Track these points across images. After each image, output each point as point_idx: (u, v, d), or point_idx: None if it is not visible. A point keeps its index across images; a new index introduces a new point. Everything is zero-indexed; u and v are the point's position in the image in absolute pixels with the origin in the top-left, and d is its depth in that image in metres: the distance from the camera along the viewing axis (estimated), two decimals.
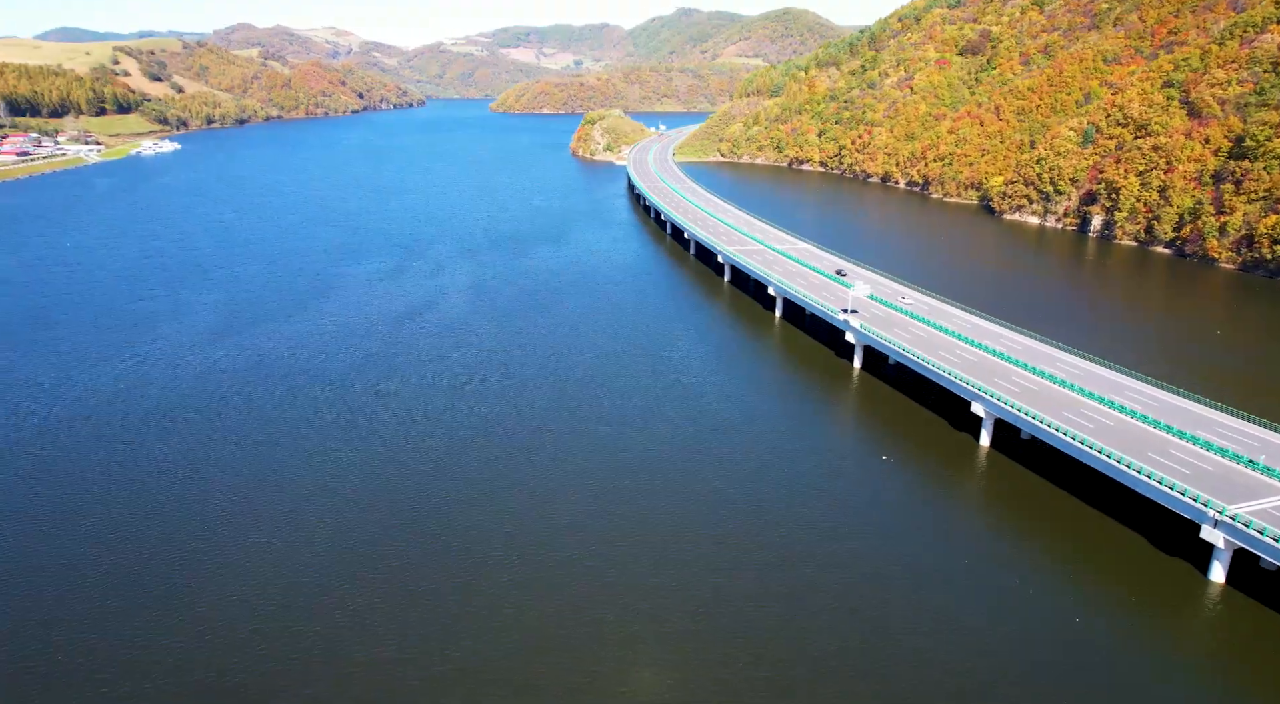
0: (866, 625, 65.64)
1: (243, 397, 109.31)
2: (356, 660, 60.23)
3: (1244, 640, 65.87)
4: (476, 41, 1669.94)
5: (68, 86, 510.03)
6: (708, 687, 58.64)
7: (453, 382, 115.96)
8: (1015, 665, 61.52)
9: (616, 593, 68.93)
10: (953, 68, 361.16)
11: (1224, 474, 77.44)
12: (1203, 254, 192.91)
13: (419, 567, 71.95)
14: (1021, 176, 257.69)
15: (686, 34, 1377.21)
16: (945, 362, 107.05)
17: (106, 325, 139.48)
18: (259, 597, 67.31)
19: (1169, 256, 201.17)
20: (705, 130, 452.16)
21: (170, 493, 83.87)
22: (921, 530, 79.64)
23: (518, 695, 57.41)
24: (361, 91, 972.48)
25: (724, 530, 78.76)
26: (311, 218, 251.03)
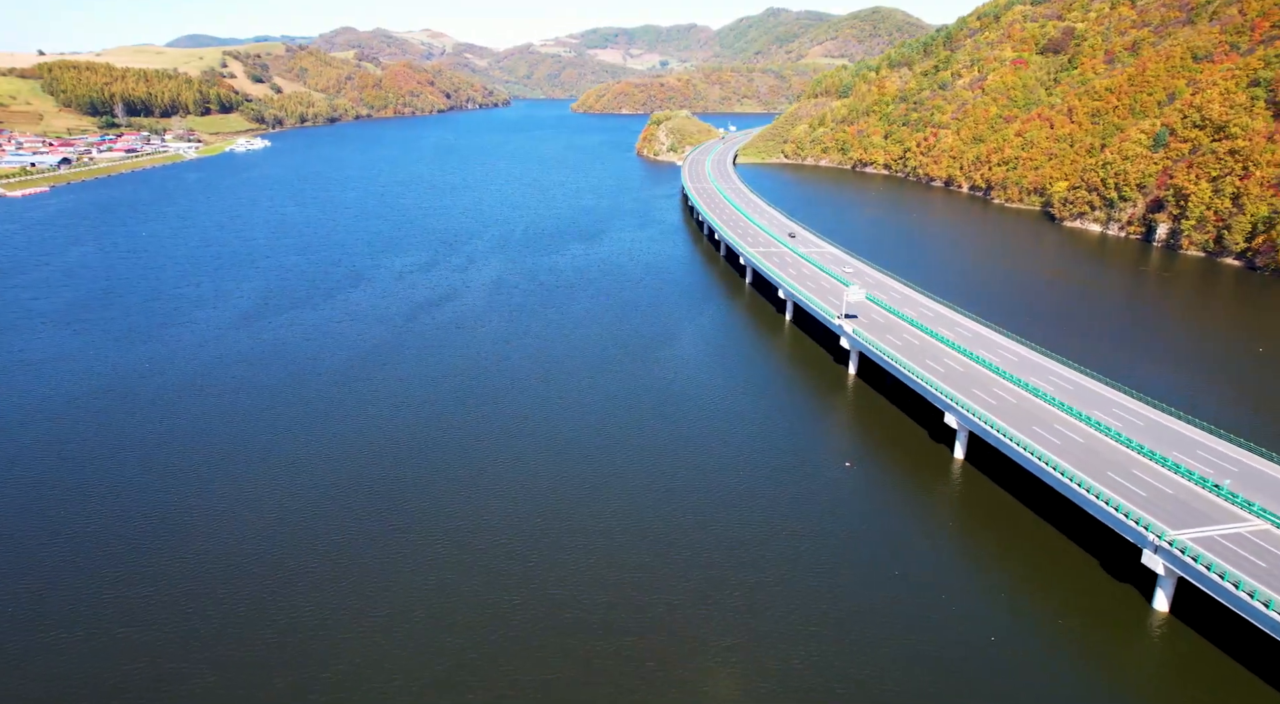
0: (765, 624, 65.16)
1: (250, 378, 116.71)
2: (345, 632, 64.35)
3: (1171, 678, 61.88)
4: (565, 43, 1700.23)
5: (178, 88, 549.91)
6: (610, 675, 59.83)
7: (445, 372, 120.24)
8: (912, 679, 59.84)
9: (528, 583, 70.82)
10: (1031, 68, 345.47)
11: (1183, 498, 72.69)
12: (1275, 267, 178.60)
13: (359, 543, 75.87)
14: (1085, 182, 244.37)
15: (773, 34, 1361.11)
16: (931, 370, 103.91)
17: (151, 308, 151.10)
18: (220, 566, 72.57)
19: (1238, 269, 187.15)
20: (770, 132, 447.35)
21: (163, 461, 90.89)
22: (861, 541, 77.97)
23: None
24: (449, 91, 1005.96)
25: (653, 529, 79.33)
26: (367, 212, 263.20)
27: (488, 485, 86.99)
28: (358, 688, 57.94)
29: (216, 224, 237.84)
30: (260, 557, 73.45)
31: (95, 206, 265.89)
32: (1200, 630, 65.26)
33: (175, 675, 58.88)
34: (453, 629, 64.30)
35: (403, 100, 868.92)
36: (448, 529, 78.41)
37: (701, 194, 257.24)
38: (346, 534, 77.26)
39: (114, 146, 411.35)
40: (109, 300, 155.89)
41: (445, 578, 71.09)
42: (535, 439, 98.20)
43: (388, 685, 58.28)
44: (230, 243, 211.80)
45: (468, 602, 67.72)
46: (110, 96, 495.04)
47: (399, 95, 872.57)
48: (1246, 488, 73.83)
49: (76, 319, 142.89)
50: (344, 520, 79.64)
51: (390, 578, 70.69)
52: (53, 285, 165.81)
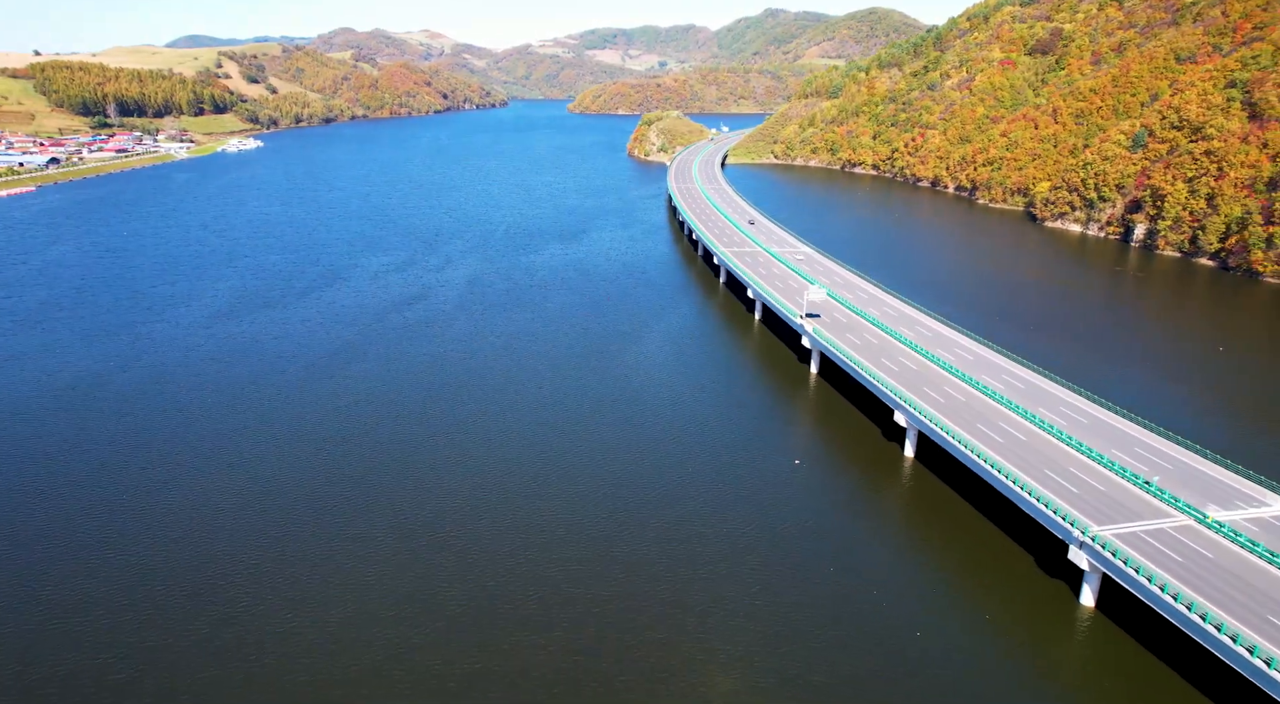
0: (691, 617, 65.78)
1: (213, 376, 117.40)
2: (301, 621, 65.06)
3: (1094, 673, 62.36)
4: (564, 43, 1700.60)
5: (172, 89, 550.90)
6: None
7: (408, 370, 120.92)
8: (834, 672, 60.36)
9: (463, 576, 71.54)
10: (1019, 68, 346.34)
11: (1115, 494, 73.29)
12: (1246, 267, 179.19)
13: (305, 533, 76.61)
14: (1065, 182, 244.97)
15: (771, 35, 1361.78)
16: (885, 369, 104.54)
17: (124, 307, 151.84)
18: (162, 560, 73.29)
19: (1212, 269, 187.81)
20: (761, 132, 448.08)
21: (115, 458, 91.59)
22: (798, 538, 78.52)
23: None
24: (446, 92, 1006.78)
25: (592, 525, 79.98)
26: (350, 212, 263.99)
27: (435, 481, 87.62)
28: (286, 677, 58.59)
29: (199, 223, 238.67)
30: (202, 550, 74.08)
31: (80, 206, 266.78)
32: (1124, 625, 65.88)
33: (105, 668, 59.56)
34: (384, 622, 64.90)
35: (399, 101, 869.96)
36: (392, 523, 79.00)
37: (684, 194, 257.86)
38: (292, 528, 77.88)
39: (105, 147, 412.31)
40: (82, 299, 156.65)
41: (384, 570, 71.73)
42: (490, 436, 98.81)
43: (316, 675, 58.96)
44: (211, 242, 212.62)
45: (402, 593, 68.36)
46: (103, 97, 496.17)
47: (395, 96, 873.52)
48: (1178, 484, 74.47)
49: (46, 318, 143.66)
50: (292, 514, 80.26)
51: (330, 570, 71.30)
52: (26, 284, 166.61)
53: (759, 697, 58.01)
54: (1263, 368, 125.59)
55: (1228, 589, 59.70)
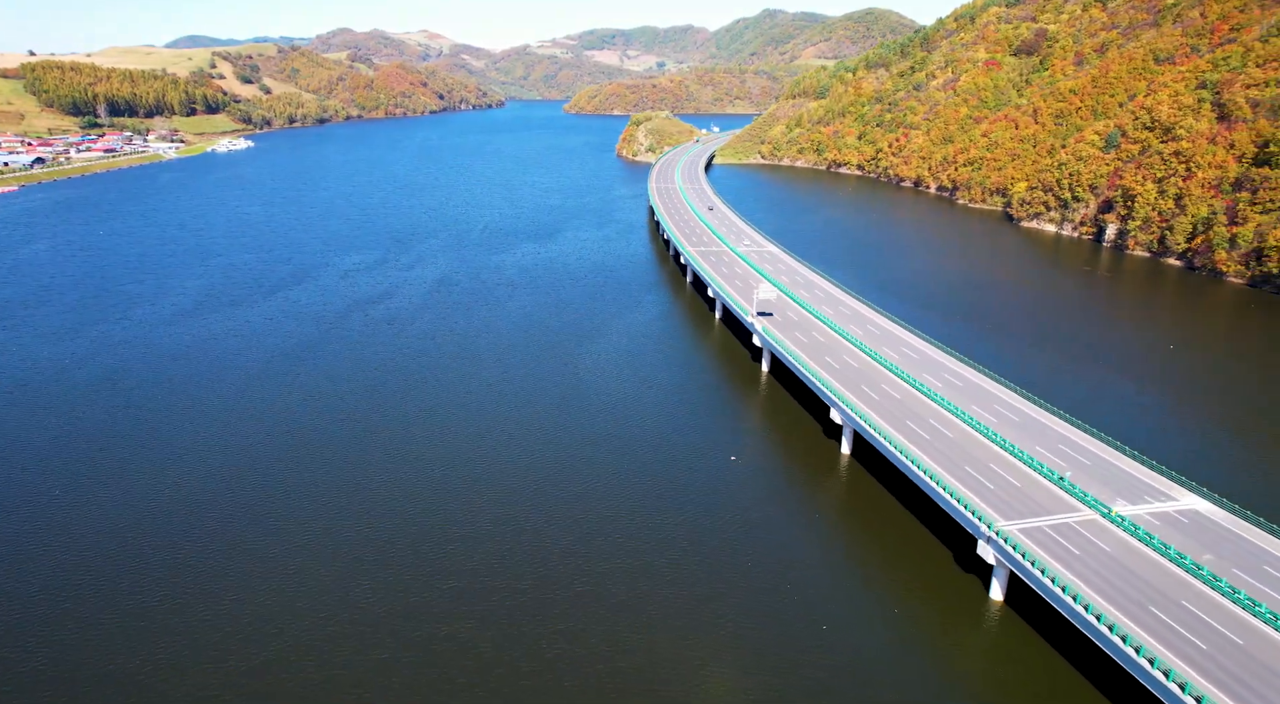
0: (605, 608, 66.61)
1: (167, 373, 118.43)
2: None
3: (998, 668, 63.07)
4: (562, 44, 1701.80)
5: (163, 89, 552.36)
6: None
7: (363, 367, 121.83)
8: (735, 665, 61.10)
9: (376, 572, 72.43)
10: (1004, 69, 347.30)
11: (1029, 490, 74.09)
12: (1211, 267, 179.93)
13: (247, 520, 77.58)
14: (1041, 183, 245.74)
15: (769, 35, 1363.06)
16: (828, 367, 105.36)
17: (89, 305, 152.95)
18: (96, 558, 74.25)
19: (1179, 269, 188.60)
20: (749, 132, 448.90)
21: (58, 455, 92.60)
22: (718, 533, 79.30)
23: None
24: (442, 92, 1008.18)
25: (516, 519, 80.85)
26: (330, 211, 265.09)
27: (372, 477, 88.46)
28: (196, 668, 59.53)
29: (177, 223, 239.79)
30: (138, 542, 75.03)
31: (60, 206, 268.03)
32: (1029, 620, 66.63)
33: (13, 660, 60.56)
34: (299, 613, 65.80)
35: (394, 101, 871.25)
36: (321, 515, 79.89)
37: (662, 193, 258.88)
38: (228, 524, 78.79)
39: (93, 147, 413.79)
40: (48, 297, 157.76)
41: (305, 563, 72.63)
42: (433, 433, 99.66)
43: (219, 665, 59.88)
44: (186, 241, 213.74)
45: (322, 586, 69.24)
46: (93, 97, 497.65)
47: (391, 96, 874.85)
48: (1093, 480, 75.28)
49: (8, 315, 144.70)
50: (227, 509, 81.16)
51: (257, 560, 72.21)
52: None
53: (656, 687, 58.82)
54: (1209, 365, 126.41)
55: (1117, 582, 60.50)
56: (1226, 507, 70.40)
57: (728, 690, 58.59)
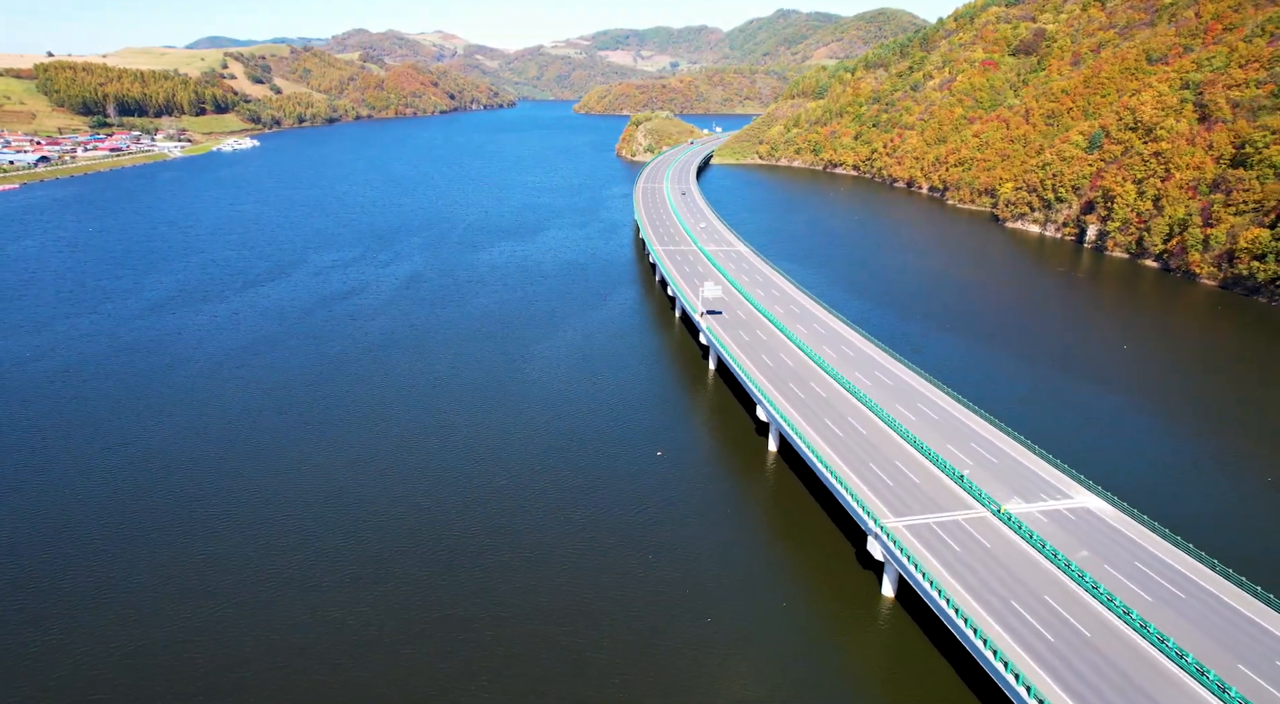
0: (499, 596, 67.94)
1: (124, 366, 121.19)
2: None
3: (884, 665, 63.51)
4: (576, 44, 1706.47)
5: (173, 89, 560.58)
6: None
7: (316, 362, 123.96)
8: (616, 655, 62.10)
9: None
10: (1001, 69, 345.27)
11: (928, 487, 74.61)
12: (1185, 269, 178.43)
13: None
14: (1025, 183, 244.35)
15: (782, 35, 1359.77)
16: (762, 366, 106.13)
17: (63, 300, 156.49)
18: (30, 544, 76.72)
19: (1155, 270, 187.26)
20: (747, 133, 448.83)
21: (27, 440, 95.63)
22: (629, 526, 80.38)
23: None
24: (453, 92, 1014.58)
25: (433, 505, 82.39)
26: (319, 208, 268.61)
27: (303, 469, 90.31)
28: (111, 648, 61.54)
29: (167, 220, 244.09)
30: (55, 536, 77.36)
31: (58, 203, 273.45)
32: (916, 618, 67.07)
33: None
34: (217, 596, 67.68)
35: (404, 101, 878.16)
36: (245, 502, 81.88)
37: (648, 193, 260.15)
38: (155, 513, 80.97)
39: (99, 146, 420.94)
40: (26, 291, 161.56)
41: (217, 551, 74.50)
42: (376, 426, 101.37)
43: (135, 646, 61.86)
44: (172, 238, 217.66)
45: (238, 570, 71.10)
46: (103, 97, 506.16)
47: (401, 96, 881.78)
48: (996, 478, 75.65)
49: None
50: (158, 497, 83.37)
51: (181, 551, 74.25)
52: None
53: (540, 675, 60.04)
54: (1159, 366, 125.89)
55: (988, 577, 61.01)
56: (1118, 505, 70.60)
57: (601, 676, 59.63)
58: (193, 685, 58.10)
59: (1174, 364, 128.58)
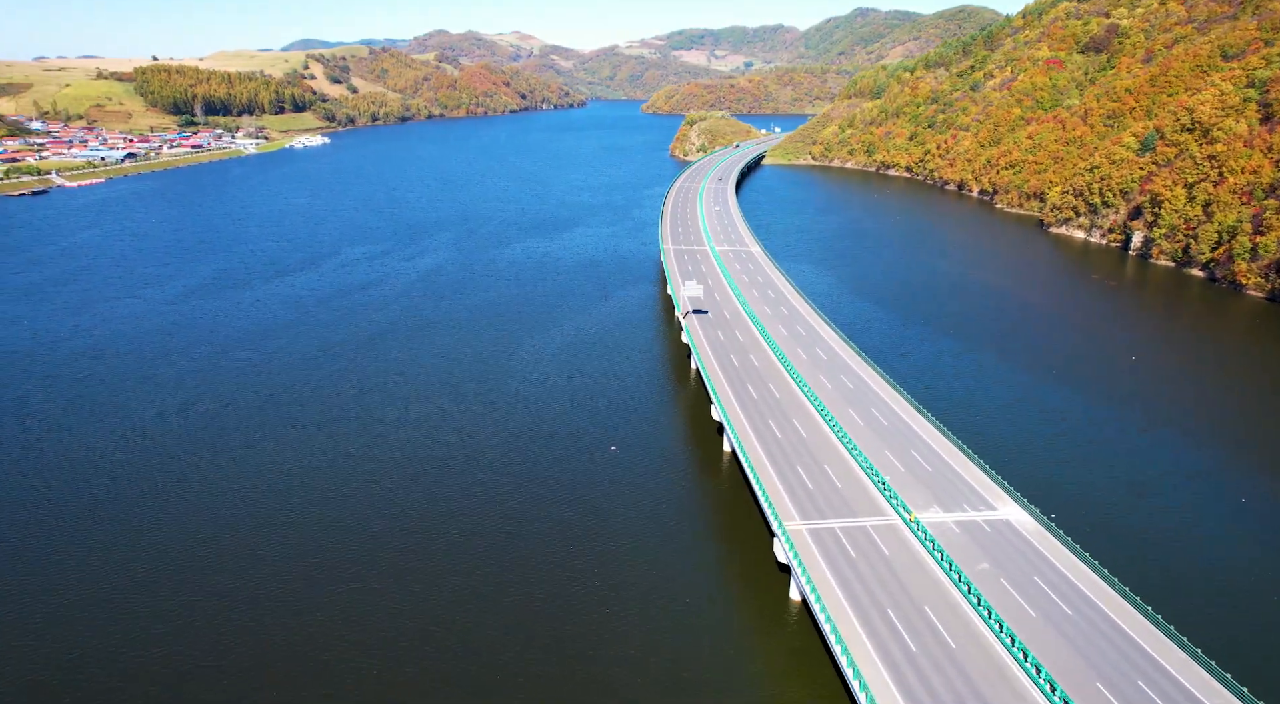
0: (417, 584, 70.78)
1: (144, 345, 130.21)
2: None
3: (781, 671, 63.05)
4: (650, 44, 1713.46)
5: (256, 89, 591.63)
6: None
7: (310, 350, 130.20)
8: (520, 650, 63.87)
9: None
10: (1068, 68, 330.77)
11: (849, 492, 73.61)
12: (1231, 279, 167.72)
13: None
14: (1072, 187, 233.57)
15: (859, 34, 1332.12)
16: (727, 366, 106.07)
17: (110, 283, 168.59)
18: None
19: (1200, 280, 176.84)
20: (801, 133, 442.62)
21: (33, 413, 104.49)
22: (565, 518, 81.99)
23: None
24: (524, 92, 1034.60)
25: (388, 493, 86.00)
26: (366, 202, 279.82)
27: (280, 449, 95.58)
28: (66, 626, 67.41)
29: (224, 212, 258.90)
30: (54, 499, 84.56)
31: (133, 196, 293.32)
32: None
33: None
34: (164, 579, 73.02)
35: (475, 100, 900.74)
36: (216, 479, 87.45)
37: (683, 192, 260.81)
38: (140, 482, 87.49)
39: (183, 143, 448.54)
40: (78, 276, 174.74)
41: (158, 540, 79.95)
42: (346, 413, 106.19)
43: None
44: (224, 229, 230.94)
45: (204, 535, 76.41)
46: (192, 97, 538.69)
47: (473, 96, 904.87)
48: (923, 486, 74.01)
49: (37, 292, 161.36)
50: (141, 469, 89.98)
51: (145, 523, 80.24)
52: (39, 262, 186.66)
53: (432, 662, 62.54)
54: (1165, 380, 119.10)
55: (875, 586, 60.08)
56: (1040, 519, 68.14)
57: (504, 674, 61.46)
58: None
59: (1183, 377, 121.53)
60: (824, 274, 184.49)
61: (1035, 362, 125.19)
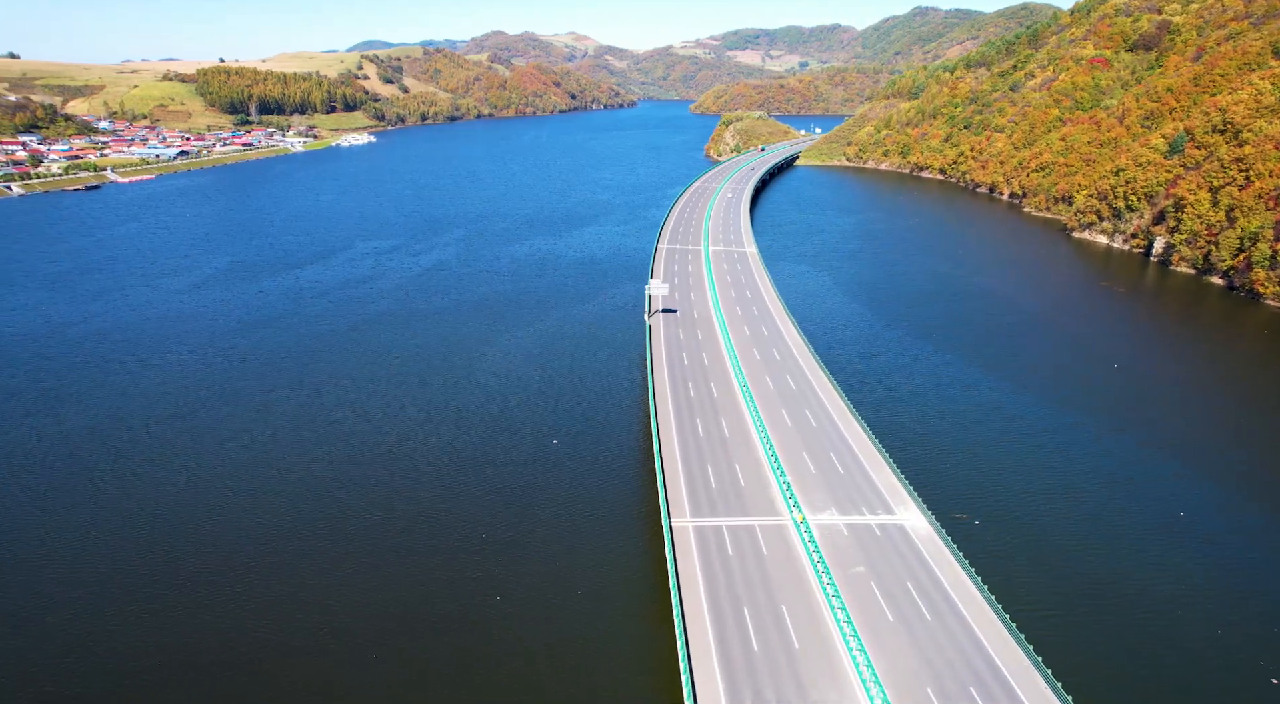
0: (308, 573, 73.52)
1: (142, 332, 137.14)
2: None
3: (635, 661, 64.04)
4: (705, 44, 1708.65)
5: (309, 89, 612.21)
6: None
7: (290, 339, 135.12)
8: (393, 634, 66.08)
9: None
10: (1114, 67, 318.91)
11: (751, 490, 73.32)
12: (1249, 287, 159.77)
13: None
14: (1097, 190, 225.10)
15: (917, 34, 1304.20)
16: (673, 363, 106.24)
17: (131, 273, 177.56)
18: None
19: (1220, 288, 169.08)
20: (837, 134, 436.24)
21: (31, 390, 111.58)
22: (483, 508, 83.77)
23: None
24: (574, 92, 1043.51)
25: (326, 480, 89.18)
26: (391, 198, 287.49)
27: (250, 431, 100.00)
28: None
29: (255, 207, 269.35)
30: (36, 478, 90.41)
31: (178, 191, 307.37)
32: None
33: None
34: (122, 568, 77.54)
35: (525, 100, 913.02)
36: (184, 461, 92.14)
37: (698, 191, 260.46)
38: (86, 460, 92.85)
39: (235, 141, 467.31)
40: (106, 266, 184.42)
41: (124, 507, 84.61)
42: (311, 400, 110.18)
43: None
44: (249, 223, 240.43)
45: (149, 513, 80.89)
46: (248, 97, 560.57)
47: (522, 96, 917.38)
48: (830, 489, 73.32)
49: (60, 283, 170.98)
50: (97, 445, 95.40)
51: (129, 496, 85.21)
52: (73, 253, 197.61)
53: (316, 679, 65.06)
54: (1139, 389, 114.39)
55: (739, 584, 59.94)
56: (936, 527, 66.87)
57: (380, 650, 63.72)
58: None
59: (1161, 386, 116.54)
60: (820, 275, 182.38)
61: (1009, 367, 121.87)
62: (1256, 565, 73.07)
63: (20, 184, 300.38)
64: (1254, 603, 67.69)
